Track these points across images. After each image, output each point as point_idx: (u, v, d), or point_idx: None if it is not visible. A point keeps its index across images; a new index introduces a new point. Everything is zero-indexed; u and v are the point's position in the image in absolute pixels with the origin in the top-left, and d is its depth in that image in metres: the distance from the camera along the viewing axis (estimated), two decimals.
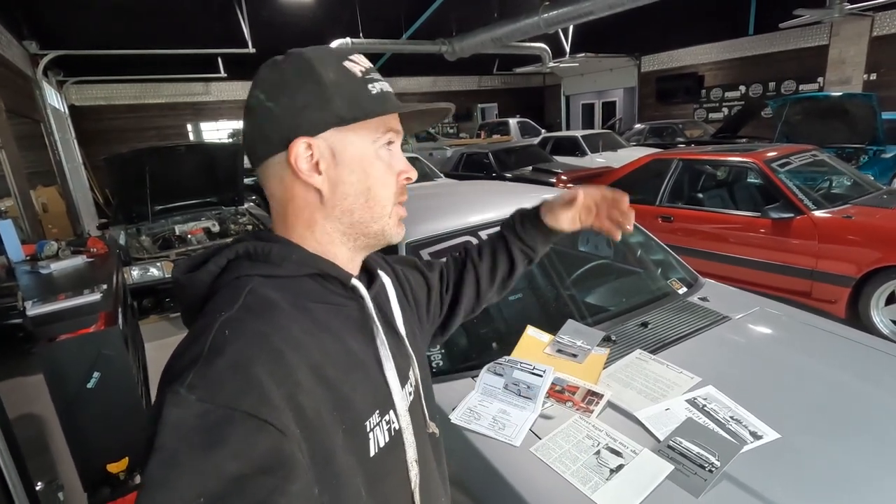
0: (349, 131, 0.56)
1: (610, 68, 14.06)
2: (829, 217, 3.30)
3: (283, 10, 9.16)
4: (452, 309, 0.87)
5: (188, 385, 0.43)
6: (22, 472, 1.08)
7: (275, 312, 0.51)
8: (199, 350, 0.46)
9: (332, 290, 0.59)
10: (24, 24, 7.30)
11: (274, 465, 0.42)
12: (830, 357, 1.54)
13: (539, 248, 0.90)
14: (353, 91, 0.56)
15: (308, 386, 0.49)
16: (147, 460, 0.41)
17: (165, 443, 0.41)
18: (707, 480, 1.06)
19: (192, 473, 0.40)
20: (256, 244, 0.56)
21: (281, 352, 0.48)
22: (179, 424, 0.41)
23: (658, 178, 4.28)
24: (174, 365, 0.47)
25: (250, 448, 0.41)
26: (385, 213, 0.60)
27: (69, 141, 9.01)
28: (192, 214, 5.17)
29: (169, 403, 0.42)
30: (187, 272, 0.56)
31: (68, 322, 2.09)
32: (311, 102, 0.55)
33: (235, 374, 0.44)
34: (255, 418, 0.43)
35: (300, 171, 0.55)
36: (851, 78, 9.34)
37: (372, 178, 0.58)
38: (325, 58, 0.57)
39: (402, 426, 0.60)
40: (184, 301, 0.57)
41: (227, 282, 0.54)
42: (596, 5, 6.89)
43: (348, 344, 0.57)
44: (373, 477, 0.55)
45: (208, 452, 0.40)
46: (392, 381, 0.60)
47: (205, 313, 0.51)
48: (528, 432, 1.26)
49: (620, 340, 1.63)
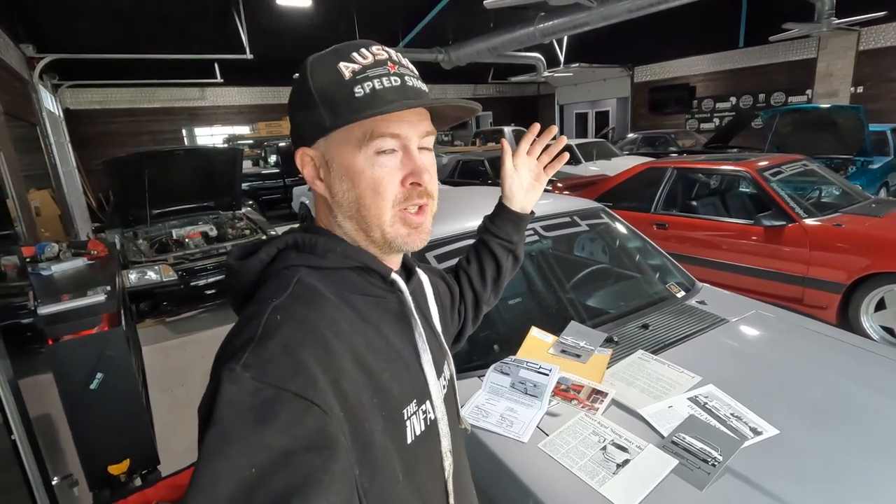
0: (336, 140, 0.56)
1: (603, 78, 14.25)
2: (820, 225, 3.38)
3: (281, 18, 9.21)
4: (462, 317, 0.91)
5: (243, 364, 0.46)
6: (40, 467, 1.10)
7: (321, 302, 0.54)
8: (253, 332, 0.49)
9: (373, 283, 0.61)
10: (21, 28, 7.29)
11: (319, 444, 0.45)
12: (824, 357, 1.59)
13: (514, 237, 0.92)
14: (336, 96, 0.55)
15: (350, 372, 0.51)
16: (205, 432, 0.43)
17: (223, 416, 0.43)
18: (710, 474, 1.09)
19: (245, 445, 0.42)
20: (304, 236, 0.59)
21: (326, 338, 0.51)
22: (235, 400, 0.44)
23: (653, 186, 4.35)
24: (230, 345, 0.50)
25: (298, 426, 0.44)
26: (381, 220, 0.58)
27: (64, 145, 8.96)
28: (189, 218, 5.18)
29: (226, 380, 0.45)
30: (239, 259, 0.59)
31: (72, 323, 2.09)
32: (303, 111, 0.57)
33: (285, 356, 0.47)
34: (303, 399, 0.45)
35: (309, 180, 0.60)
36: (839, 90, 9.55)
37: (360, 188, 0.57)
38: (322, 61, 0.56)
39: (437, 416, 0.62)
40: (235, 286, 0.60)
41: (277, 271, 0.57)
42: (590, 17, 7.01)
43: (388, 335, 0.59)
44: (409, 464, 0.57)
45: (261, 427, 0.43)
46: (429, 372, 0.62)
47: (257, 299, 0.54)
48: (536, 429, 1.29)
49: (622, 341, 1.67)
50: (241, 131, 12.39)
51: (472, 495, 0.73)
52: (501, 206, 0.92)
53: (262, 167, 10.56)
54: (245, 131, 12.39)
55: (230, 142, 11.75)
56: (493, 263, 0.92)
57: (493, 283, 0.92)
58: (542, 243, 2.14)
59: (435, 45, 9.98)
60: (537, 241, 2.06)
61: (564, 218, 2.18)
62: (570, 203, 2.35)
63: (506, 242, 0.91)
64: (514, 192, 0.90)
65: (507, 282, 0.95)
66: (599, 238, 2.51)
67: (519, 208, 0.91)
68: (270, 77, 11.23)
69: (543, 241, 2.10)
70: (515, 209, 0.91)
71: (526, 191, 0.91)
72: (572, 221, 2.19)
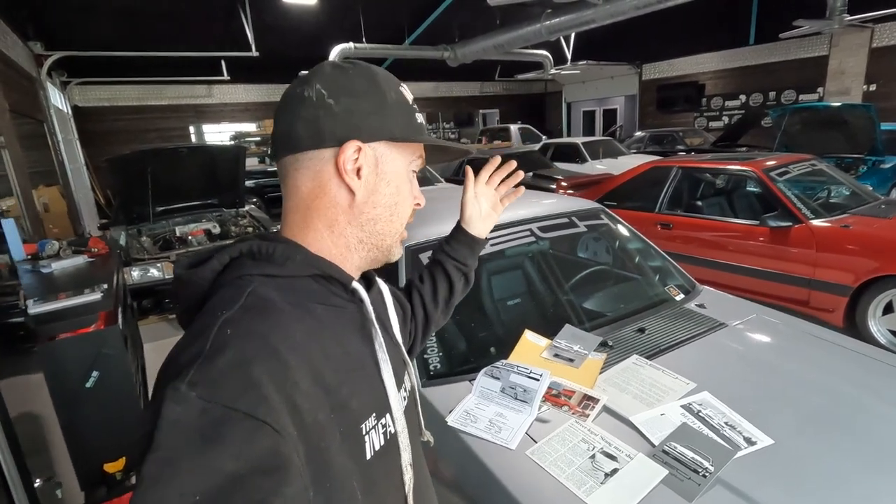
0: (395, 148, 0.61)
1: (611, 76, 14.13)
2: (827, 226, 3.31)
3: (286, 15, 9.21)
4: (412, 336, 0.91)
5: (189, 382, 0.43)
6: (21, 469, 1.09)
7: (275, 314, 0.52)
8: (201, 348, 0.46)
9: (334, 292, 0.59)
10: (29, 25, 7.34)
11: (270, 467, 0.42)
12: (825, 365, 1.55)
13: (469, 261, 0.94)
14: (407, 114, 0.62)
15: (306, 388, 0.49)
16: (144, 457, 0.40)
17: (164, 440, 0.40)
18: (700, 485, 1.06)
19: (189, 471, 0.40)
20: (261, 243, 0.57)
21: (280, 353, 0.48)
22: (179, 421, 0.41)
23: (657, 185, 4.30)
24: (175, 362, 0.47)
25: (248, 448, 0.42)
26: (400, 229, 0.65)
27: (72, 142, 9.05)
28: (193, 216, 5.19)
29: (169, 400, 0.42)
30: (189, 268, 0.57)
31: (68, 321, 2.10)
32: (373, 112, 0.59)
33: (235, 373, 0.45)
34: (254, 419, 0.43)
35: (344, 171, 0.58)
36: (851, 88, 9.39)
37: (401, 195, 0.63)
38: (389, 78, 0.63)
39: (397, 430, 0.61)
40: (183, 297, 0.57)
41: (229, 280, 0.54)
42: (597, 14, 6.94)
43: (348, 345, 0.58)
44: (369, 480, 0.55)
45: (206, 451, 0.40)
46: (389, 384, 0.61)
47: (205, 312, 0.52)
48: (524, 436, 1.27)
49: (617, 346, 1.64)
50: (248, 128, 12.43)
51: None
52: (459, 229, 0.93)
53: (268, 164, 10.60)
54: (252, 128, 12.43)
55: (237, 139, 11.81)
56: (447, 284, 0.93)
57: (445, 303, 0.94)
58: (539, 244, 2.11)
59: (441, 42, 9.93)
60: (534, 242, 2.04)
61: (562, 219, 2.15)
62: (569, 203, 2.31)
63: (460, 265, 0.93)
64: (472, 218, 0.92)
65: (456, 302, 0.97)
66: (604, 238, 2.48)
67: (476, 233, 0.93)
68: (276, 74, 11.22)
69: (540, 242, 2.07)
70: (473, 233, 0.92)
71: (483, 218, 0.93)
72: (570, 222, 2.15)
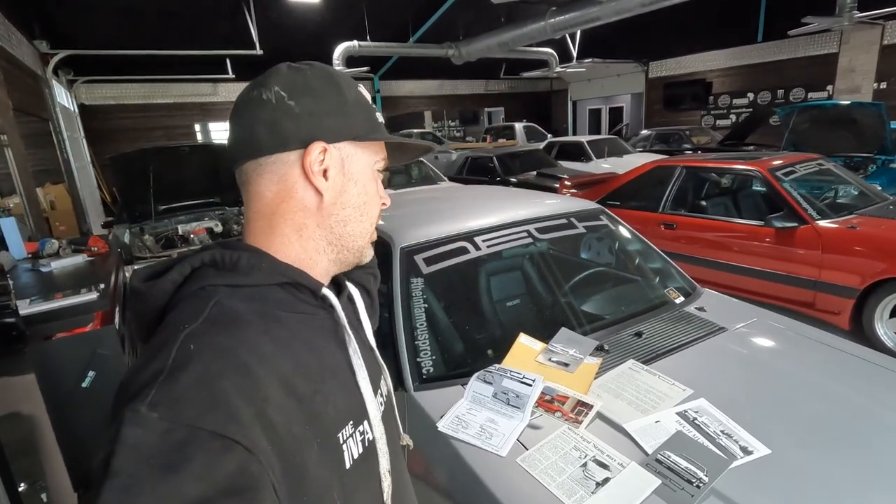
0: (360, 148, 0.61)
1: (617, 74, 14.04)
2: (834, 227, 3.26)
3: (290, 13, 9.21)
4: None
5: (150, 403, 0.41)
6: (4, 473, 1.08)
7: (242, 325, 0.49)
8: (161, 365, 0.44)
9: (303, 300, 0.58)
10: (35, 24, 7.39)
11: (240, 488, 0.40)
12: (827, 371, 1.51)
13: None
14: (367, 113, 0.62)
15: (278, 400, 0.47)
16: (101, 485, 0.38)
17: (123, 466, 0.38)
18: (694, 496, 1.04)
19: (150, 498, 0.37)
20: (224, 252, 0.55)
21: (248, 366, 0.46)
22: (139, 445, 0.39)
23: (661, 185, 4.25)
24: (133, 381, 0.44)
25: (215, 469, 0.40)
26: (370, 229, 0.64)
27: (78, 140, 9.10)
28: (195, 214, 5.20)
29: (128, 422, 0.40)
30: (147, 280, 0.54)
31: (64, 321, 2.10)
32: (334, 111, 0.58)
33: (201, 390, 0.42)
34: (222, 437, 0.41)
35: (311, 173, 0.56)
36: (861, 87, 9.26)
37: (368, 195, 0.62)
38: (346, 77, 0.62)
39: (375, 436, 0.59)
40: (141, 312, 0.54)
41: (191, 292, 0.52)
42: (603, 11, 6.88)
43: (321, 353, 0.56)
44: (349, 489, 0.54)
45: (169, 476, 0.38)
46: (365, 390, 0.59)
47: (166, 326, 0.49)
48: (516, 442, 1.24)
49: (613, 350, 1.61)
50: None
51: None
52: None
53: None
54: None
55: None
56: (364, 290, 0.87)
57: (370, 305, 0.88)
58: (537, 245, 2.08)
59: (445, 40, 9.90)
60: (531, 244, 2.01)
61: (561, 220, 2.11)
62: (569, 204, 2.28)
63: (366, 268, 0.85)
64: None
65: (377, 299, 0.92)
66: (607, 238, 2.45)
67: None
68: None
69: (538, 243, 2.04)
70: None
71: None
72: (569, 223, 2.12)
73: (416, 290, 1.69)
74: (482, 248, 1.86)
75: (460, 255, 1.82)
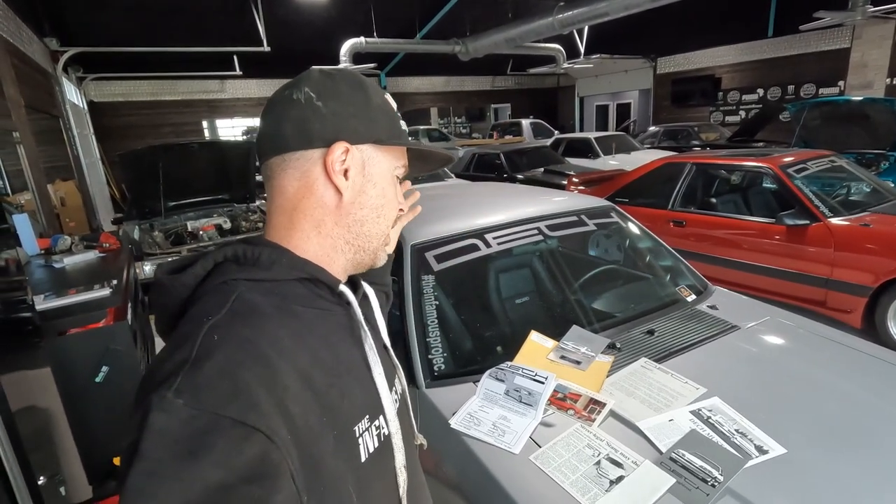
0: (381, 152, 0.62)
1: (625, 70, 13.94)
2: (846, 224, 3.23)
3: (297, 10, 9.21)
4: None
5: (175, 390, 0.42)
6: (24, 467, 1.10)
7: (262, 318, 0.51)
8: (187, 354, 0.45)
9: (320, 295, 0.59)
10: (45, 22, 7.44)
11: (260, 474, 0.42)
12: (842, 370, 1.50)
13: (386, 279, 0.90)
14: (391, 119, 0.64)
15: (296, 391, 0.48)
16: (129, 467, 0.40)
17: (149, 449, 0.40)
18: (709, 495, 1.03)
19: (174, 482, 0.39)
20: (246, 248, 0.56)
21: (269, 357, 0.48)
22: (165, 430, 0.41)
23: (670, 182, 4.22)
24: (159, 369, 0.46)
25: (236, 456, 0.41)
26: (386, 231, 0.65)
27: (87, 136, 9.17)
28: (204, 211, 5.23)
29: (155, 408, 0.42)
30: (171, 273, 0.56)
31: (78, 317, 2.12)
32: (359, 115, 0.60)
33: (223, 379, 0.44)
34: (243, 425, 0.42)
35: (332, 171, 0.58)
36: (874, 82, 9.14)
37: (387, 198, 0.63)
38: (373, 84, 0.64)
39: (391, 431, 0.60)
40: (164, 304, 0.56)
41: (214, 286, 0.53)
42: (611, 6, 6.83)
43: (337, 348, 0.57)
44: (363, 483, 0.54)
45: (193, 460, 0.40)
46: (381, 385, 0.60)
47: (190, 318, 0.51)
48: (528, 440, 1.24)
49: (625, 348, 1.61)
50: None
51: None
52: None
53: None
54: None
55: (249, 134, 11.86)
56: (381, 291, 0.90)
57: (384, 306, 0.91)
58: (547, 243, 2.08)
59: (452, 36, 9.88)
60: (541, 241, 2.00)
61: (572, 217, 2.11)
62: (579, 201, 2.27)
63: (380, 286, 0.89)
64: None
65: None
66: (616, 235, 2.43)
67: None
68: (288, 69, 11.18)
69: (548, 240, 2.04)
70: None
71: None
72: (580, 220, 2.11)
73: (427, 287, 1.70)
74: (493, 245, 1.85)
75: (471, 252, 1.82)
